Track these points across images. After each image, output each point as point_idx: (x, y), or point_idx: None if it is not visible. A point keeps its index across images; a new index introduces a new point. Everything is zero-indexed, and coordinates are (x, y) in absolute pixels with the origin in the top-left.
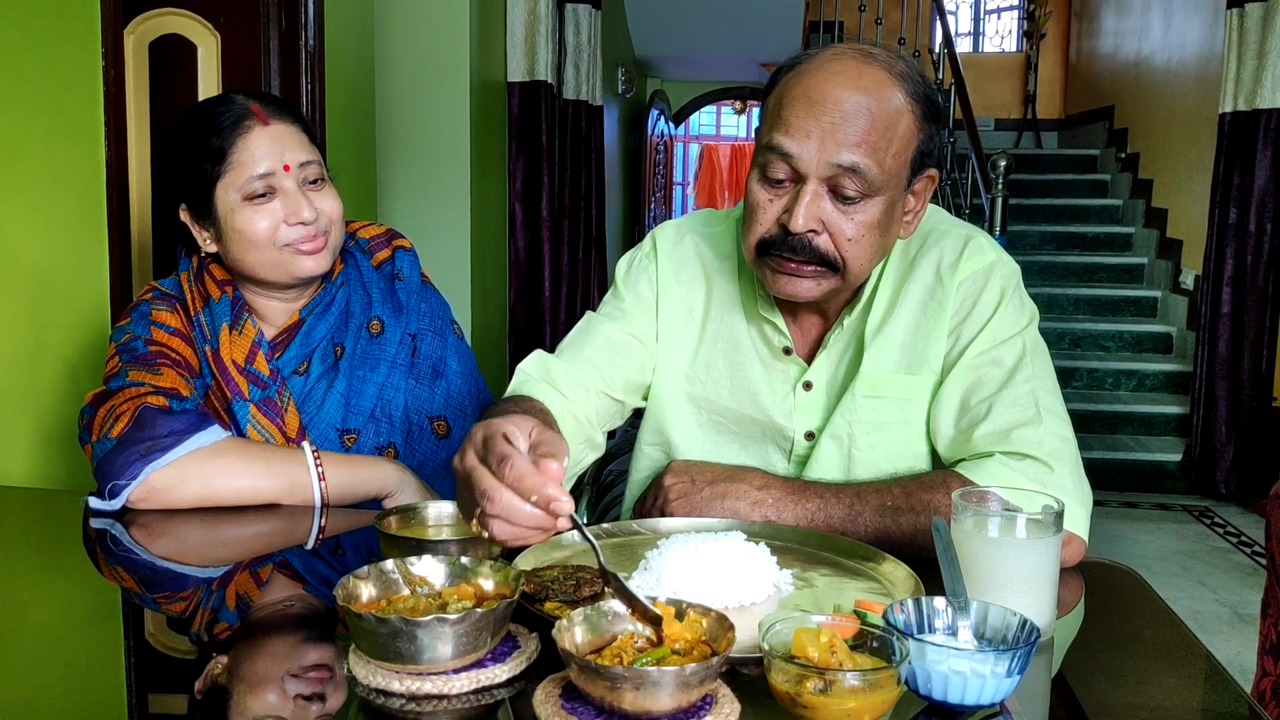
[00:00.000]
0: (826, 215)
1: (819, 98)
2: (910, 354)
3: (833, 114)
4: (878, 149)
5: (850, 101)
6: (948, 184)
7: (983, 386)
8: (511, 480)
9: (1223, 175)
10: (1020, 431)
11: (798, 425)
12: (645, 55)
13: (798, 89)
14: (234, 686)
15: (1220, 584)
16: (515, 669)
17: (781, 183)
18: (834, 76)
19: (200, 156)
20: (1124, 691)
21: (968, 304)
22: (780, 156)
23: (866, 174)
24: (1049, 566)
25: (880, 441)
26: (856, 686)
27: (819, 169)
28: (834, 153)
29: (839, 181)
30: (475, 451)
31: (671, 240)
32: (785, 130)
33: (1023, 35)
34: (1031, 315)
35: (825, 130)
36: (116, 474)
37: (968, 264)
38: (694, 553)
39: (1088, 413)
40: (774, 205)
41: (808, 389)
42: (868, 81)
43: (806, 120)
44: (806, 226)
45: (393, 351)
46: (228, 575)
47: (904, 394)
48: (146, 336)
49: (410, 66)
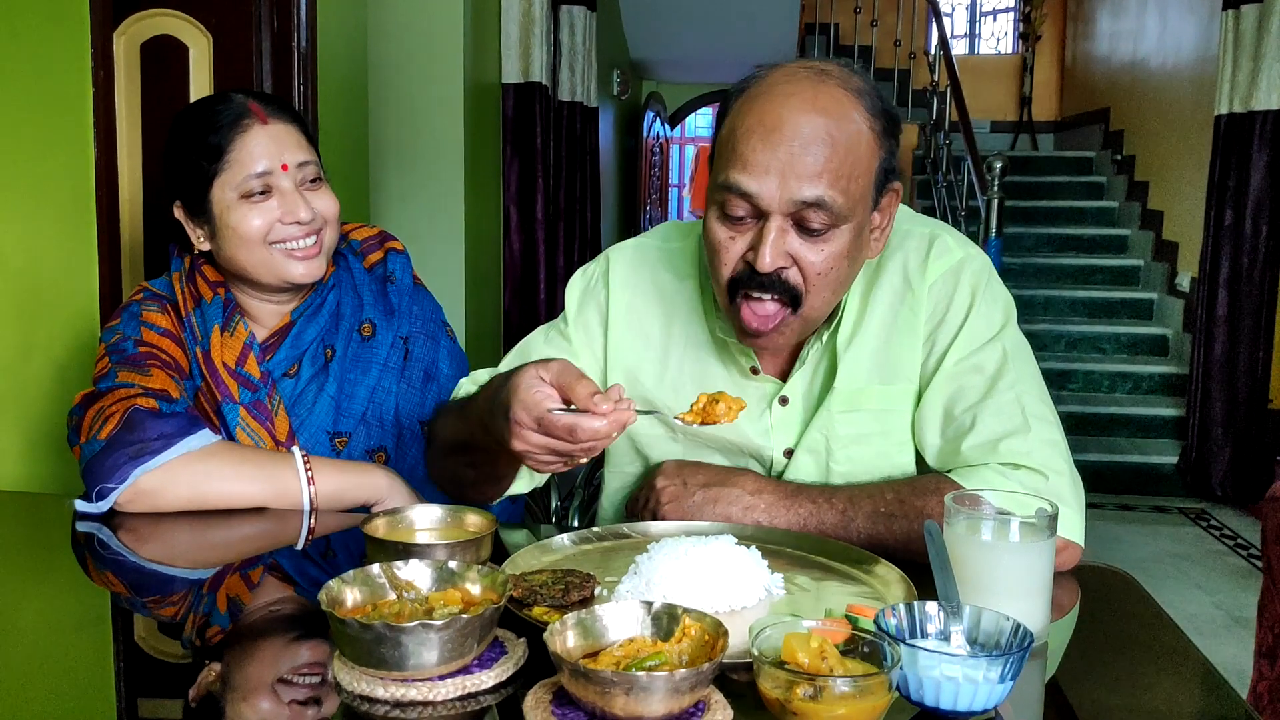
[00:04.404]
0: (794, 249)
1: (774, 125)
2: (884, 364)
3: (790, 143)
4: (840, 177)
5: (808, 127)
6: (943, 186)
7: (965, 395)
8: (589, 436)
9: (1218, 177)
10: (1008, 442)
11: (775, 444)
12: (641, 57)
13: (751, 118)
14: (226, 693)
15: (1216, 587)
16: (502, 675)
17: (742, 220)
18: (788, 100)
19: (198, 154)
20: (1119, 696)
21: (940, 308)
22: (739, 195)
23: (832, 206)
24: (1042, 571)
25: (859, 454)
26: (847, 693)
27: (781, 205)
28: (795, 188)
29: (803, 215)
30: (533, 432)
31: (628, 263)
32: (742, 167)
33: (1018, 37)
34: (1006, 309)
35: (784, 163)
36: (104, 476)
37: (935, 265)
38: (684, 557)
39: (1084, 415)
40: (736, 244)
41: (784, 404)
42: (824, 102)
43: (763, 154)
44: (775, 265)
45: (384, 354)
46: (217, 578)
47: (881, 405)
48: (136, 337)
49: (404, 68)
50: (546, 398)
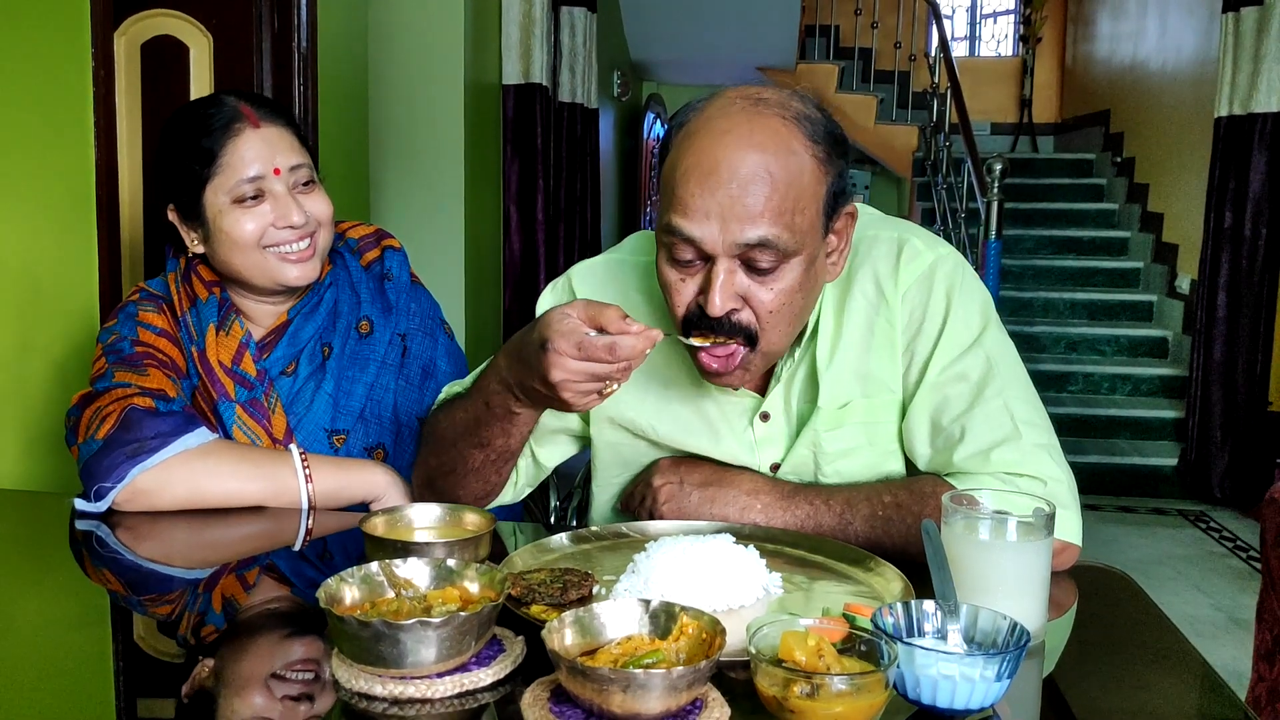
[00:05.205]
0: (744, 289)
1: (711, 168)
2: (866, 378)
3: (729, 186)
4: (784, 213)
5: (746, 166)
6: (943, 188)
7: (951, 405)
8: (627, 353)
9: (1218, 179)
10: (1000, 451)
11: (760, 460)
12: (641, 59)
13: (689, 158)
14: (220, 689)
15: (1215, 589)
16: (500, 673)
17: (691, 262)
18: (723, 137)
19: (190, 158)
20: (1118, 697)
21: (916, 316)
22: (683, 240)
23: (777, 244)
24: (1040, 570)
25: (846, 466)
26: (844, 691)
27: (726, 249)
28: (738, 232)
29: (750, 255)
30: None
31: (599, 283)
32: (683, 212)
33: (1019, 39)
34: (984, 308)
35: (724, 206)
36: (102, 476)
37: (906, 272)
38: (682, 555)
39: (1083, 417)
40: (688, 285)
41: (765, 420)
42: (761, 137)
43: (702, 198)
44: (725, 308)
45: (382, 352)
46: (214, 577)
47: (865, 418)
48: (133, 337)
49: (404, 68)
50: (579, 325)
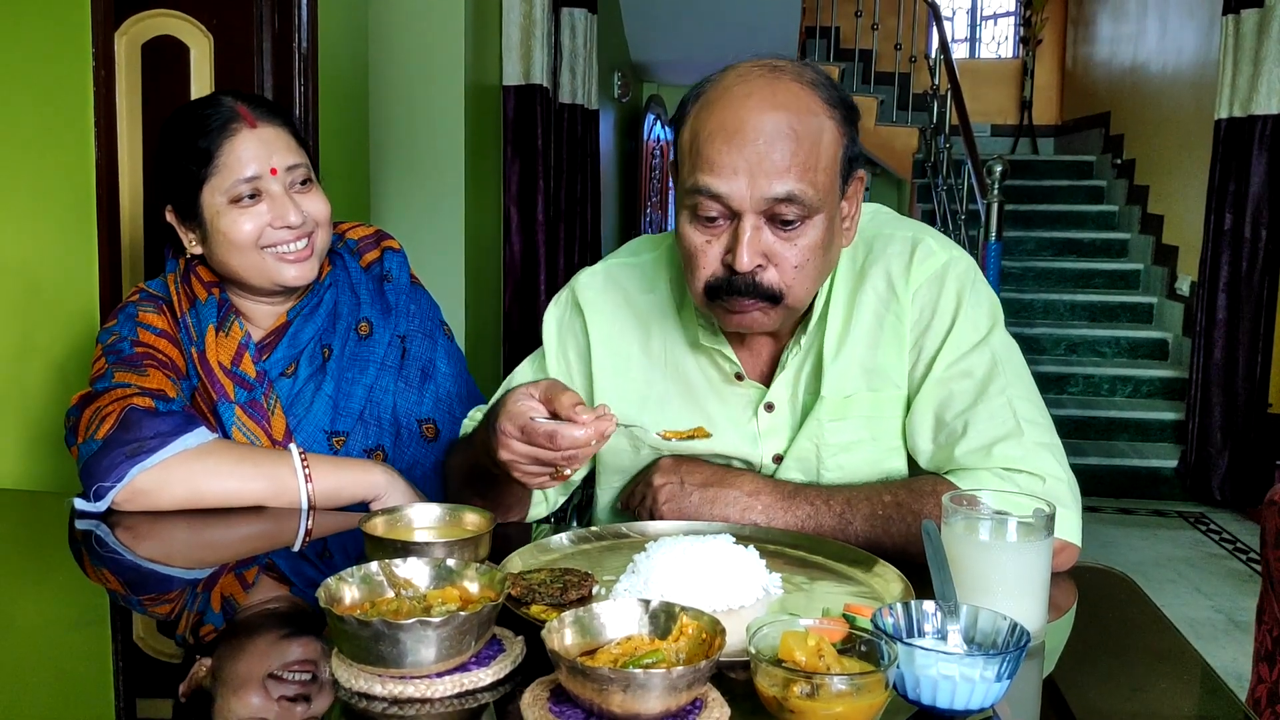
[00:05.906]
0: (769, 247)
1: (737, 127)
2: (872, 371)
3: (755, 143)
4: (808, 169)
5: (771, 124)
6: (944, 189)
7: (955, 401)
8: (569, 444)
9: (1218, 181)
10: (1002, 447)
11: (763, 450)
12: (642, 60)
13: (713, 122)
14: (218, 689)
15: (1215, 590)
16: (500, 672)
17: (715, 220)
18: (747, 100)
19: (187, 159)
20: (1117, 698)
21: (926, 314)
22: (710, 197)
23: (803, 198)
24: (1040, 570)
25: (849, 461)
26: (843, 691)
27: (754, 204)
28: (766, 186)
29: (776, 210)
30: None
31: (599, 290)
32: (710, 169)
33: (1019, 41)
34: (993, 310)
35: (752, 162)
36: (102, 475)
37: (919, 270)
38: (682, 556)
39: (1083, 419)
40: (713, 246)
41: (770, 410)
42: (783, 98)
43: (730, 155)
44: (753, 263)
45: (381, 353)
46: (214, 577)
47: (869, 412)
48: (133, 338)
49: (405, 69)
50: (531, 409)
